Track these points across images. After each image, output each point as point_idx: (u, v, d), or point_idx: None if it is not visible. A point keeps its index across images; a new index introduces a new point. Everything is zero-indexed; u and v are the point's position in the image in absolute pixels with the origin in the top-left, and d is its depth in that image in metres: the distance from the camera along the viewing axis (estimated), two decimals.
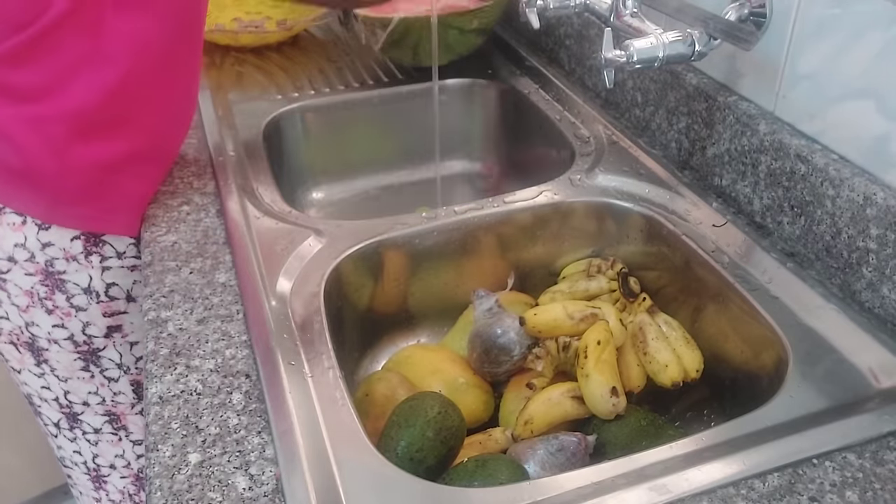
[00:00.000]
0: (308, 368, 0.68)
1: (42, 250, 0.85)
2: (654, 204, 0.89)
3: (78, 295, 0.88)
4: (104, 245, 0.87)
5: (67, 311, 0.89)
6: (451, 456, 0.71)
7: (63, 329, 0.90)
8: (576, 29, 1.14)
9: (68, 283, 0.87)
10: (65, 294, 0.88)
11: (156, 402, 0.64)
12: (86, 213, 0.85)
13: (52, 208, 0.83)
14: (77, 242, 0.85)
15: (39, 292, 0.87)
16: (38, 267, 0.85)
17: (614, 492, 0.57)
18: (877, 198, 0.69)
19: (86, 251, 0.86)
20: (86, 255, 0.86)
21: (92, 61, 0.77)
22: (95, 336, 0.92)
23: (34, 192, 0.82)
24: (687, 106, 0.91)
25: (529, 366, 0.79)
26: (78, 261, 0.86)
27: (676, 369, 0.77)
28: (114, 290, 0.90)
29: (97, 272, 0.88)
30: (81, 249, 0.86)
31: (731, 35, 0.76)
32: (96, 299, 0.89)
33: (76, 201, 0.84)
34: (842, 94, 0.73)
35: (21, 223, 0.83)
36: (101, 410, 0.97)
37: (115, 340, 0.93)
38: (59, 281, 0.87)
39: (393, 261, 0.87)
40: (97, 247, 0.87)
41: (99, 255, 0.87)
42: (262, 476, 0.58)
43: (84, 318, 0.90)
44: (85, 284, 0.88)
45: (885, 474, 0.57)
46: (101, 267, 0.88)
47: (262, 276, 0.78)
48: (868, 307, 0.72)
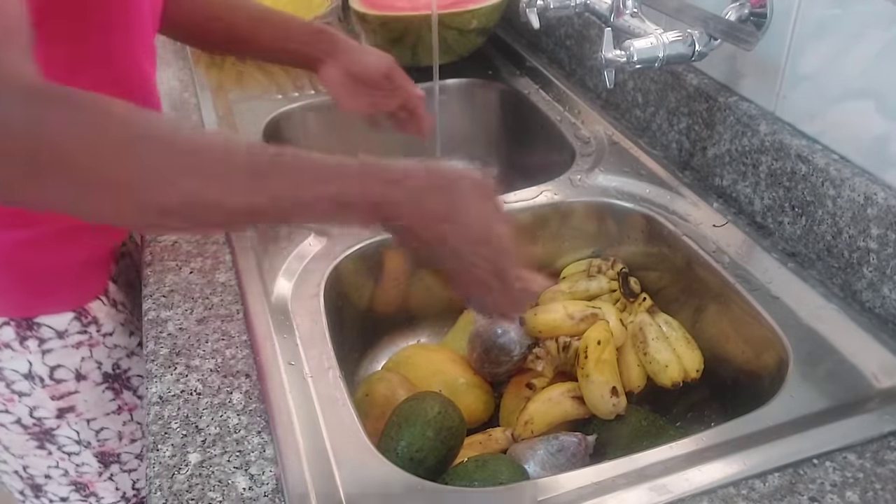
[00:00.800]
0: (308, 368, 0.68)
1: None
2: (654, 204, 0.89)
3: (18, 381, 0.79)
4: (40, 328, 0.77)
5: (10, 398, 0.80)
6: (451, 456, 0.71)
7: (8, 414, 0.81)
8: (576, 29, 1.14)
9: (5, 370, 0.78)
10: (3, 381, 0.79)
11: (156, 401, 0.64)
12: (9, 300, 0.75)
13: None
14: (7, 329, 0.75)
15: None
16: None
17: (614, 492, 0.57)
18: (877, 197, 0.69)
19: (19, 337, 0.76)
20: (20, 342, 0.76)
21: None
22: (46, 417, 0.82)
23: None
24: (687, 106, 0.91)
25: (529, 366, 0.79)
26: (12, 348, 0.76)
27: (677, 369, 0.77)
28: (60, 373, 0.80)
29: (37, 357, 0.78)
30: (13, 336, 0.76)
31: (732, 35, 0.76)
32: (41, 384, 0.79)
33: (6, 291, 0.74)
34: (842, 94, 0.73)
35: None
36: (65, 482, 0.89)
37: (69, 420, 0.83)
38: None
39: (393, 261, 0.87)
40: (32, 330, 0.76)
41: (36, 338, 0.77)
42: (262, 476, 0.58)
43: (30, 403, 0.80)
44: (24, 370, 0.78)
45: (886, 474, 0.57)
46: (40, 351, 0.77)
47: (262, 276, 0.78)
48: (869, 307, 0.72)
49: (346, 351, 0.86)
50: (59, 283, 0.76)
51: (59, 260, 0.75)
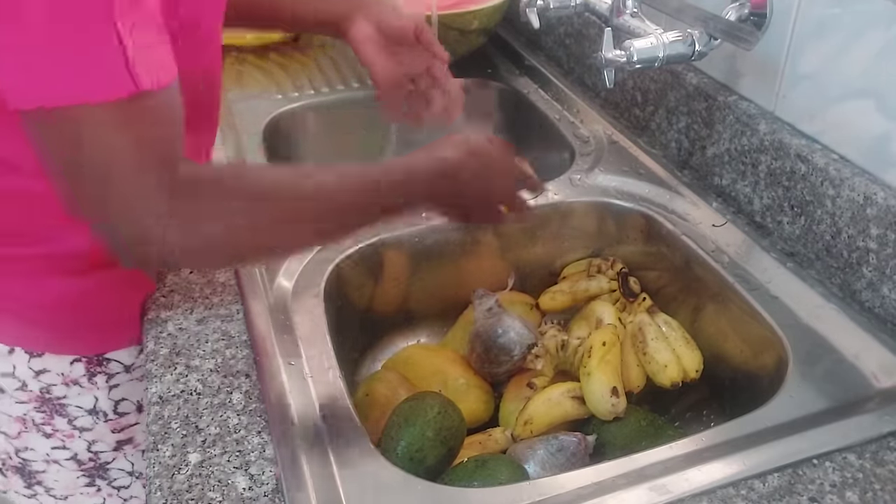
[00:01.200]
0: (308, 368, 0.68)
1: (35, 378, 0.74)
2: (653, 204, 0.89)
3: (81, 417, 0.78)
4: (109, 363, 0.77)
5: (69, 434, 0.78)
6: (451, 456, 0.71)
7: (64, 450, 0.80)
8: (576, 29, 1.14)
9: (69, 406, 0.77)
10: (66, 417, 0.77)
11: (156, 402, 0.64)
12: (85, 339, 0.75)
13: (44, 340, 0.73)
14: (78, 365, 0.75)
15: (34, 419, 0.77)
16: (31, 395, 0.75)
17: (614, 492, 0.57)
18: (877, 197, 0.69)
19: (88, 374, 0.76)
20: (89, 378, 0.76)
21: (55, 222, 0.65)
22: (103, 451, 0.81)
23: (21, 326, 0.72)
24: (687, 106, 0.91)
25: (529, 365, 0.79)
26: (80, 384, 0.76)
27: (676, 369, 0.77)
28: (123, 406, 0.79)
29: (104, 392, 0.77)
30: (84, 372, 0.75)
31: (732, 35, 0.76)
32: (104, 419, 0.79)
33: (72, 331, 0.74)
34: (842, 93, 0.73)
35: (8, 352, 0.72)
36: None
37: (126, 452, 0.82)
38: (57, 406, 0.76)
39: (393, 261, 0.87)
40: (102, 366, 0.76)
41: (104, 374, 0.77)
42: (262, 476, 0.58)
43: (89, 438, 0.79)
44: (90, 406, 0.77)
45: (885, 475, 0.57)
46: (107, 387, 0.77)
47: (262, 276, 0.78)
48: (868, 307, 0.72)
49: (346, 351, 0.86)
50: (128, 319, 0.75)
51: (127, 298, 0.75)
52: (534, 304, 0.90)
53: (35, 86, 0.49)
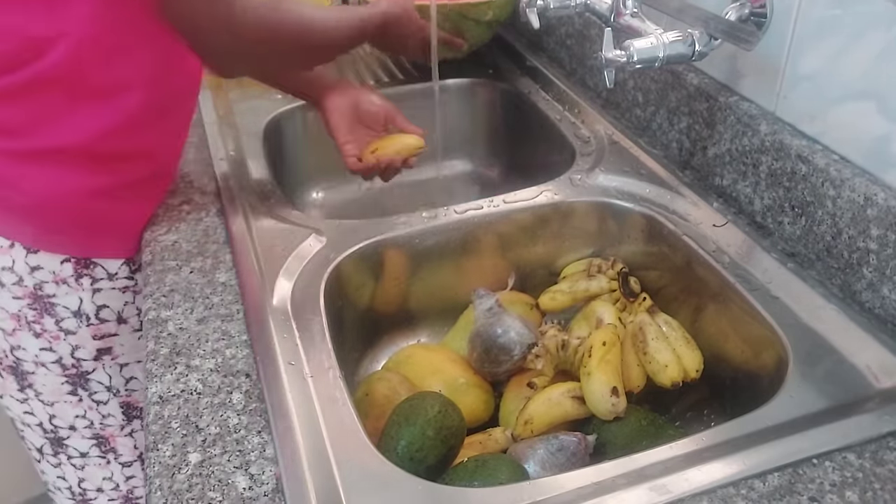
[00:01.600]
0: (308, 368, 0.68)
1: (31, 274, 0.82)
2: (654, 204, 0.89)
3: (67, 318, 0.85)
4: (95, 267, 0.84)
5: (56, 335, 0.86)
6: (452, 455, 0.71)
7: (51, 352, 0.87)
8: (576, 29, 1.14)
9: (58, 306, 0.84)
10: (54, 318, 0.85)
11: (156, 401, 0.64)
12: (75, 240, 0.82)
13: (40, 235, 0.81)
14: (67, 265, 0.83)
15: (27, 315, 0.84)
16: (26, 290, 0.82)
17: (614, 492, 0.57)
18: (877, 198, 0.69)
19: (76, 274, 0.83)
20: (76, 278, 0.84)
21: (85, 103, 0.76)
22: (84, 359, 0.88)
23: (21, 220, 0.80)
24: (688, 106, 0.91)
25: (529, 365, 0.79)
26: (68, 284, 0.83)
27: (676, 369, 0.77)
28: (104, 313, 0.87)
29: (88, 294, 0.85)
30: (72, 272, 0.83)
31: (732, 35, 0.76)
32: (86, 322, 0.86)
33: (65, 229, 0.81)
34: (842, 94, 0.73)
35: (9, 246, 0.80)
36: (88, 434, 0.94)
37: (105, 363, 0.90)
38: (48, 304, 0.84)
39: (393, 261, 0.87)
40: (88, 269, 0.84)
41: (90, 277, 0.84)
42: (262, 476, 0.58)
43: (73, 342, 0.87)
44: (75, 307, 0.85)
45: (885, 474, 0.57)
46: (91, 289, 0.85)
47: (262, 276, 0.78)
48: (868, 307, 0.72)
49: (346, 351, 0.86)
50: (118, 230, 0.85)
51: (122, 210, 0.84)
52: (534, 304, 0.90)
53: None
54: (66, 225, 0.81)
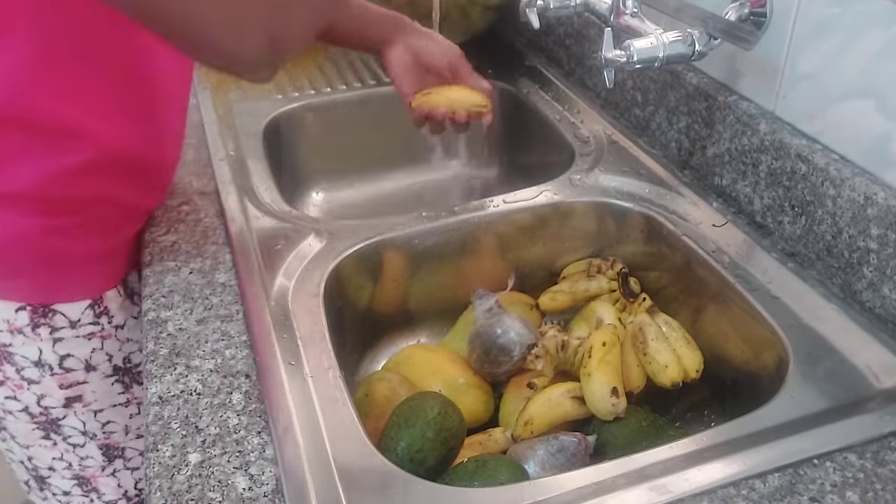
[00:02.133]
0: (308, 368, 0.68)
1: None
2: (654, 204, 0.89)
3: (28, 368, 0.79)
4: (54, 315, 0.77)
5: (19, 384, 0.80)
6: (452, 456, 0.71)
7: (16, 401, 0.82)
8: (576, 29, 1.14)
9: (16, 355, 0.78)
10: (14, 366, 0.79)
11: (156, 402, 0.64)
12: (31, 286, 0.75)
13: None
14: (22, 314, 0.76)
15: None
16: None
17: (614, 492, 0.57)
18: (878, 197, 0.69)
19: (32, 323, 0.77)
20: (33, 328, 0.77)
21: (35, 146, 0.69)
22: (53, 407, 0.83)
23: None
24: (687, 105, 0.91)
25: (529, 366, 0.79)
26: (24, 333, 0.77)
27: (676, 370, 0.77)
28: (69, 362, 0.80)
29: (48, 345, 0.78)
30: (27, 321, 0.76)
31: (732, 35, 0.76)
32: (49, 372, 0.80)
33: (18, 274, 0.75)
34: (842, 93, 0.73)
35: None
36: (68, 475, 0.89)
37: (76, 410, 0.84)
38: (5, 353, 0.78)
39: (393, 261, 0.87)
40: (46, 318, 0.77)
41: (48, 326, 0.77)
42: (262, 476, 0.58)
43: (38, 391, 0.81)
44: (35, 358, 0.79)
45: (886, 475, 0.57)
46: (51, 339, 0.78)
47: (262, 276, 0.78)
48: (869, 307, 0.72)
49: (346, 351, 0.86)
50: (78, 271, 0.77)
51: (81, 249, 0.76)
52: (534, 304, 0.90)
53: None
54: (19, 269, 0.75)
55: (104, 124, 0.71)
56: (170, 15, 0.50)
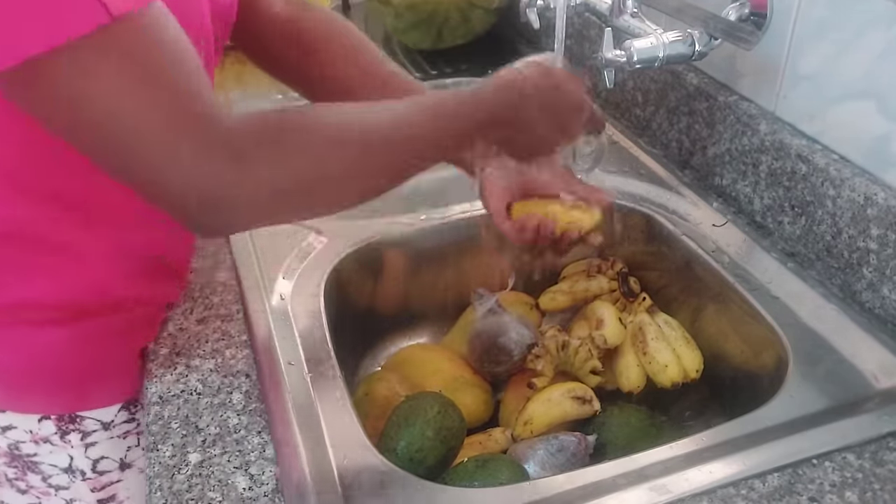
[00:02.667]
0: (308, 368, 0.68)
1: (2, 434, 0.68)
2: (654, 204, 0.89)
3: (56, 475, 0.71)
4: (83, 420, 0.69)
5: (45, 491, 0.72)
6: (451, 456, 0.71)
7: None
8: (576, 29, 1.14)
9: (42, 465, 0.70)
10: (39, 475, 0.71)
11: (156, 401, 0.64)
12: (55, 400, 0.68)
13: (9, 398, 0.67)
14: (47, 423, 0.68)
15: (7, 473, 0.71)
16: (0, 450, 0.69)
17: (614, 492, 0.57)
18: (877, 198, 0.69)
19: (60, 431, 0.68)
20: (61, 436, 0.69)
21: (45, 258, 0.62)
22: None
23: None
24: (687, 106, 0.91)
25: (529, 365, 0.79)
26: (51, 442, 0.69)
27: (676, 369, 0.77)
28: (103, 464, 0.72)
29: (79, 451, 0.70)
30: (54, 430, 0.68)
31: (732, 35, 0.76)
32: (81, 477, 0.72)
33: (41, 389, 0.67)
34: (842, 94, 0.73)
35: None
36: None
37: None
38: (29, 463, 0.70)
39: (393, 261, 0.87)
40: (74, 423, 0.69)
41: (79, 432, 0.69)
42: (262, 476, 0.58)
43: (67, 496, 0.73)
44: (65, 465, 0.71)
45: (885, 475, 0.57)
46: (83, 445, 0.70)
47: (262, 276, 0.78)
48: (868, 307, 0.72)
49: (346, 351, 0.86)
50: (103, 377, 0.69)
51: (101, 355, 0.68)
52: (534, 304, 0.90)
53: (9, 38, 0.44)
54: (41, 385, 0.67)
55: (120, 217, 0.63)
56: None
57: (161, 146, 0.48)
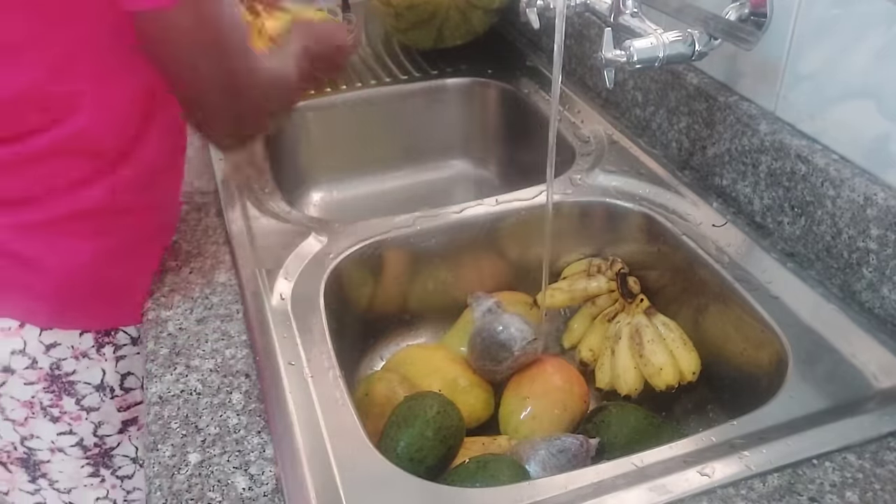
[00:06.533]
0: (308, 368, 0.68)
1: (46, 353, 0.74)
2: (654, 204, 0.89)
3: (89, 395, 0.78)
4: (117, 333, 0.78)
5: (76, 415, 0.79)
6: (451, 455, 0.71)
7: (71, 435, 0.80)
8: (576, 29, 1.14)
9: (78, 383, 0.77)
10: (73, 397, 0.78)
11: (156, 401, 0.64)
12: (95, 312, 0.76)
13: (55, 313, 0.74)
14: (87, 336, 0.76)
15: (42, 401, 0.77)
16: (40, 373, 0.75)
17: (614, 492, 0.57)
18: (877, 198, 0.69)
19: (97, 344, 0.77)
20: (97, 349, 0.77)
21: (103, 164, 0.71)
22: (108, 435, 0.82)
23: (31, 298, 0.72)
24: (687, 106, 0.91)
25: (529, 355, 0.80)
26: (89, 356, 0.77)
27: (672, 372, 0.77)
28: (129, 381, 0.80)
29: (111, 364, 0.78)
30: (92, 343, 0.76)
31: (732, 35, 0.76)
32: (110, 395, 0.79)
33: (83, 302, 0.75)
34: (842, 94, 0.73)
35: (18, 326, 0.73)
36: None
37: (131, 434, 0.83)
38: (66, 384, 0.76)
39: (392, 261, 0.87)
40: (109, 336, 0.78)
41: (112, 345, 0.78)
42: (262, 476, 0.58)
43: (96, 419, 0.80)
44: (97, 381, 0.78)
45: (885, 475, 0.57)
46: (114, 357, 0.78)
47: (262, 276, 0.78)
48: (868, 307, 0.72)
49: (346, 351, 0.86)
50: (137, 295, 0.77)
51: (135, 274, 0.78)
52: (533, 302, 0.90)
53: None
54: (84, 299, 0.75)
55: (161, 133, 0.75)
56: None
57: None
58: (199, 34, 0.65)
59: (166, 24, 0.64)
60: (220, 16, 0.66)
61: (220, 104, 0.71)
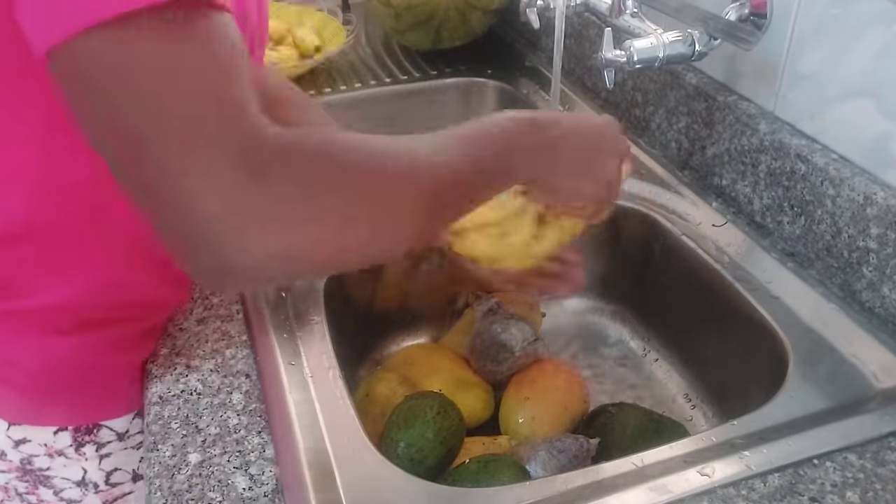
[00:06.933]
0: (308, 368, 0.68)
1: (15, 448, 0.66)
2: (654, 204, 0.89)
3: (69, 489, 0.71)
4: (100, 430, 0.69)
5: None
6: (451, 455, 0.71)
7: None
8: (576, 29, 1.14)
9: (55, 478, 0.69)
10: (51, 489, 0.70)
11: (156, 402, 0.64)
12: (74, 410, 0.67)
13: (27, 409, 0.65)
14: (63, 434, 0.67)
15: (17, 488, 0.69)
16: (11, 465, 0.67)
17: (614, 492, 0.57)
18: (877, 197, 0.69)
19: (76, 443, 0.68)
20: (76, 448, 0.68)
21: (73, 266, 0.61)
22: None
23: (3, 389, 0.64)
24: (687, 106, 0.91)
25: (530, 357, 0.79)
26: (66, 455, 0.68)
27: None
28: (116, 476, 0.72)
29: (93, 463, 0.70)
30: (70, 442, 0.67)
31: (732, 35, 0.76)
32: (94, 490, 0.72)
33: (60, 399, 0.66)
34: (842, 93, 0.73)
35: None
36: None
37: None
38: (42, 477, 0.69)
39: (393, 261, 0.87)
40: (91, 435, 0.68)
41: (94, 443, 0.69)
42: (262, 476, 0.58)
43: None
44: (78, 478, 0.70)
45: (886, 475, 0.57)
46: (97, 456, 0.70)
47: None
48: (868, 307, 0.72)
49: (346, 351, 0.86)
50: (127, 384, 0.68)
51: (130, 358, 0.68)
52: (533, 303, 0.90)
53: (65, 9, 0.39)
54: (62, 394, 0.66)
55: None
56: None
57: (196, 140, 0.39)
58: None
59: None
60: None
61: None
